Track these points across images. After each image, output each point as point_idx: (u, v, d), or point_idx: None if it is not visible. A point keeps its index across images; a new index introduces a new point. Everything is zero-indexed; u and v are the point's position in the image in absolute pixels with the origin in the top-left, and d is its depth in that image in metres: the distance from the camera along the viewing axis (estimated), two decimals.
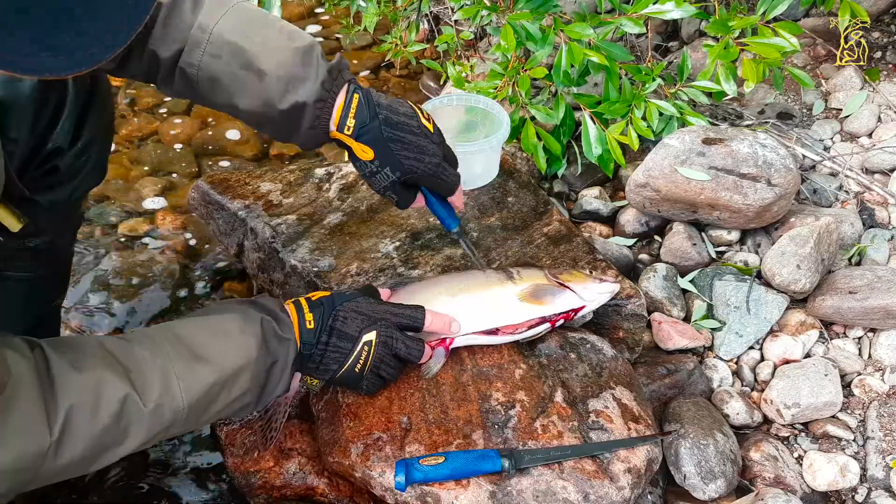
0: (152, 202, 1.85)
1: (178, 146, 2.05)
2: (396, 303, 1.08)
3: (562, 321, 1.16)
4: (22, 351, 0.79)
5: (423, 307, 1.06)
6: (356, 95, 1.00)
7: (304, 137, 1.02)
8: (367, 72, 2.37)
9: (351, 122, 1.00)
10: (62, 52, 0.51)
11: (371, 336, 0.99)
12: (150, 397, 0.84)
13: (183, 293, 1.62)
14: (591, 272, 1.22)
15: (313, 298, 1.01)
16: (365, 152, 1.02)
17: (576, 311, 1.16)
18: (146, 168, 1.97)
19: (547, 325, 1.14)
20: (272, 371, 0.95)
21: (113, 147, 1.31)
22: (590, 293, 1.16)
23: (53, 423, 0.77)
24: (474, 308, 1.13)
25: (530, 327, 1.13)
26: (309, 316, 0.98)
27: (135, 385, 0.83)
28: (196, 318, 0.97)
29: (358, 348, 0.99)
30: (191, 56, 0.95)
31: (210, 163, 2.01)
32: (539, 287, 1.16)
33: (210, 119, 2.15)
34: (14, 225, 0.97)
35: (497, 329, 1.13)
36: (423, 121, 1.06)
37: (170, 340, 0.89)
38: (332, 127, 1.01)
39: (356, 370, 1.00)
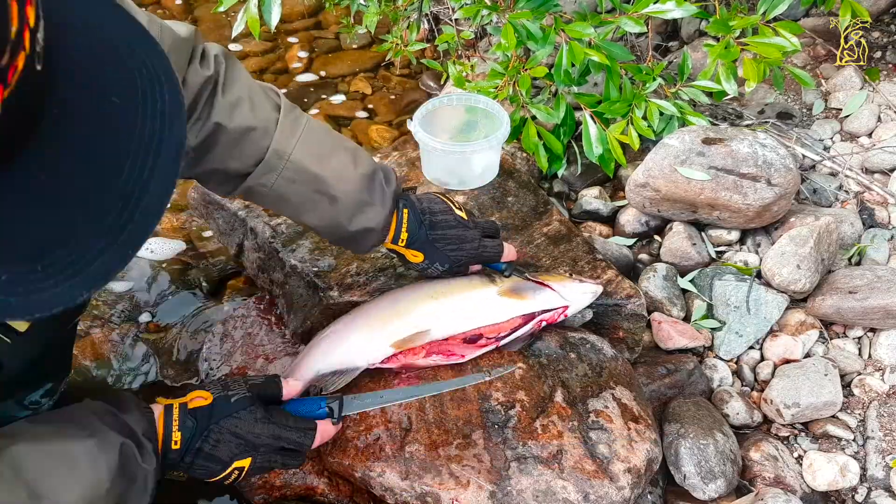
0: None
1: None
2: (284, 420, 0.96)
3: (544, 324, 1.16)
4: None
5: (314, 426, 0.97)
6: (405, 210, 1.11)
7: (363, 249, 1.12)
8: (367, 72, 2.37)
9: (404, 235, 1.11)
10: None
11: (244, 462, 0.92)
12: None
13: (183, 293, 1.62)
14: (570, 274, 1.22)
15: (189, 406, 0.92)
16: (415, 256, 1.14)
17: (559, 312, 1.16)
18: None
19: (531, 326, 1.14)
20: (129, 492, 0.85)
21: None
22: (569, 292, 1.17)
23: None
24: (457, 308, 1.14)
25: (513, 329, 1.13)
26: (176, 436, 0.90)
27: None
28: (44, 433, 0.84)
29: (228, 471, 0.93)
30: (264, 178, 1.00)
31: None
32: (519, 283, 1.17)
33: None
34: (22, 325, 0.91)
35: (480, 334, 1.13)
36: (457, 211, 1.15)
37: (4, 476, 0.78)
38: (388, 239, 1.11)
39: (225, 483, 0.95)
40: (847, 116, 1.83)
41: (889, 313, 1.30)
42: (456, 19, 2.09)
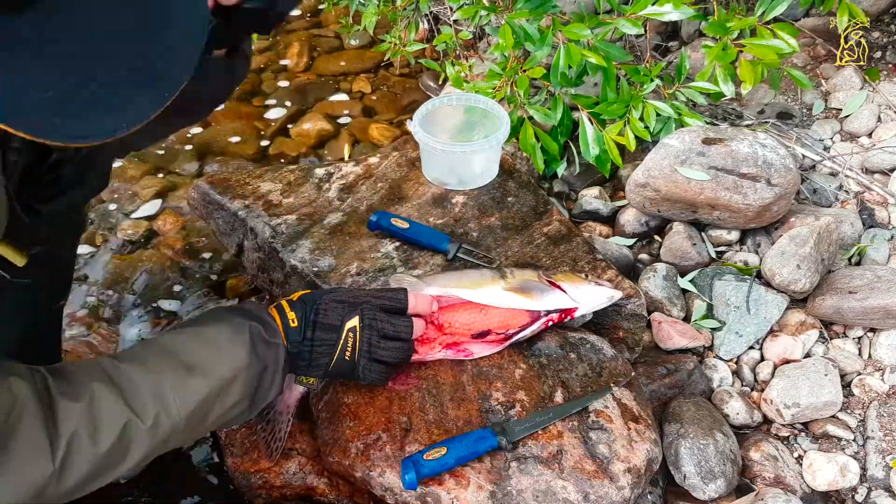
0: (152, 202, 1.85)
1: (178, 146, 2.05)
2: (379, 287, 1.09)
3: (551, 322, 1.15)
4: (25, 378, 0.80)
5: (405, 289, 1.07)
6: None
7: None
8: (367, 72, 2.37)
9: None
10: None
11: (354, 322, 1.00)
12: (148, 415, 0.85)
13: (183, 294, 1.62)
14: (587, 276, 1.22)
15: (294, 298, 1.02)
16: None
17: (567, 312, 1.16)
18: (146, 168, 1.97)
19: (538, 325, 1.14)
20: (263, 377, 0.96)
21: None
22: (581, 294, 1.16)
23: (56, 451, 0.78)
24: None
25: (522, 328, 1.13)
26: (291, 315, 0.99)
27: (132, 406, 0.84)
28: (185, 329, 0.98)
29: (343, 336, 0.99)
30: None
31: (214, 160, 2.01)
32: (527, 282, 1.17)
33: (210, 121, 2.15)
34: (19, 260, 0.97)
35: (489, 330, 1.12)
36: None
37: (161, 356, 0.90)
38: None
39: (346, 358, 1.00)
40: (847, 116, 1.83)
41: (889, 313, 1.30)
42: (455, 20, 2.09)
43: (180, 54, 0.58)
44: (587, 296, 1.17)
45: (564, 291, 1.16)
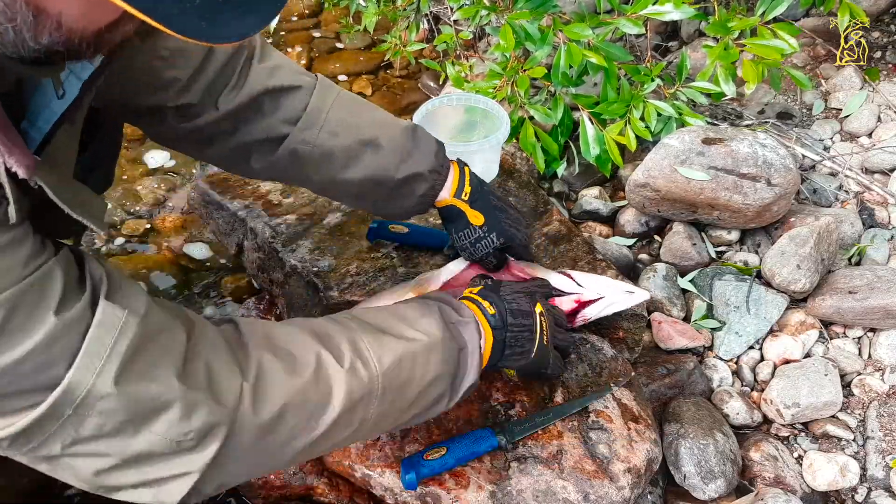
0: (152, 202, 1.85)
1: None
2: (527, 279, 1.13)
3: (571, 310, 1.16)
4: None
5: (545, 279, 1.13)
6: (466, 168, 1.11)
7: (412, 204, 1.09)
8: (367, 72, 2.37)
9: (468, 188, 1.10)
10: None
11: (539, 308, 1.00)
12: (344, 357, 0.80)
13: (183, 294, 1.62)
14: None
15: (475, 291, 1.00)
16: (476, 217, 1.11)
17: (583, 304, 1.15)
18: (147, 167, 1.97)
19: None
20: (462, 357, 0.91)
21: None
22: (593, 283, 1.16)
23: (246, 370, 0.73)
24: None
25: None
26: (485, 303, 0.96)
27: (327, 347, 0.80)
28: (370, 308, 0.94)
29: (537, 321, 0.98)
30: (306, 134, 1.01)
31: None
32: (535, 265, 1.20)
33: None
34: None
35: None
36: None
37: (352, 320, 0.87)
38: (447, 195, 1.09)
39: (545, 344, 0.99)
40: (847, 116, 1.83)
41: (889, 313, 1.30)
42: (455, 20, 2.09)
43: None
44: (601, 285, 1.16)
45: (571, 277, 1.16)
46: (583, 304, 1.15)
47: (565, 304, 1.15)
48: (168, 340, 0.70)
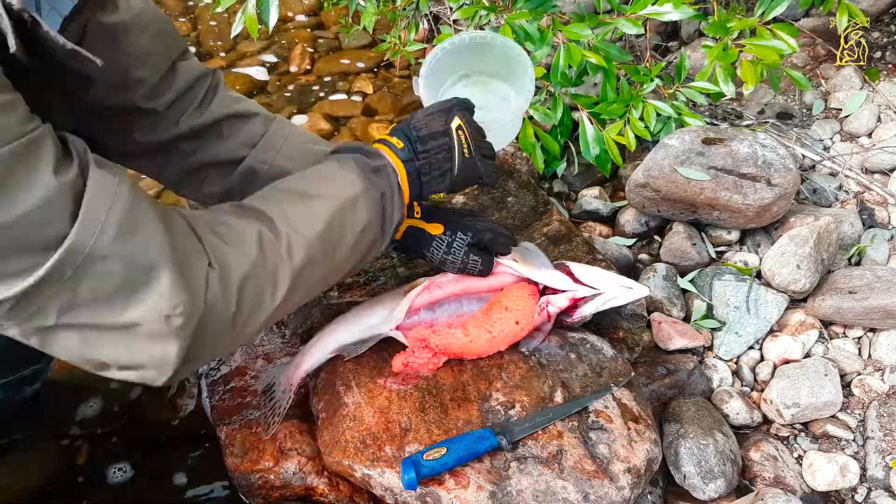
0: None
1: None
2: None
3: (553, 310, 1.15)
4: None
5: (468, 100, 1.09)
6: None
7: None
8: (367, 72, 2.37)
9: (417, 208, 1.14)
10: None
11: (456, 121, 1.01)
12: (281, 235, 0.85)
13: None
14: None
15: (387, 132, 1.04)
16: (436, 228, 1.13)
17: (577, 301, 1.15)
18: None
19: (541, 323, 1.14)
20: (384, 201, 0.96)
21: None
22: (589, 275, 1.16)
23: (211, 258, 0.79)
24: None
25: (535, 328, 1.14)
26: (393, 140, 1.00)
27: (265, 226, 0.85)
28: (293, 175, 0.98)
29: (453, 135, 1.00)
30: (264, 155, 1.08)
31: None
32: (530, 252, 1.19)
33: None
34: None
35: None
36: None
37: (280, 193, 0.92)
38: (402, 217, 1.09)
39: (466, 155, 1.01)
40: (847, 116, 1.83)
41: (889, 313, 1.30)
42: (455, 20, 2.09)
43: None
44: (599, 279, 1.16)
45: (572, 274, 1.16)
46: (578, 301, 1.15)
47: (560, 301, 1.15)
48: (154, 215, 0.74)
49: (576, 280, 1.16)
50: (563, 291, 1.15)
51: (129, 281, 0.70)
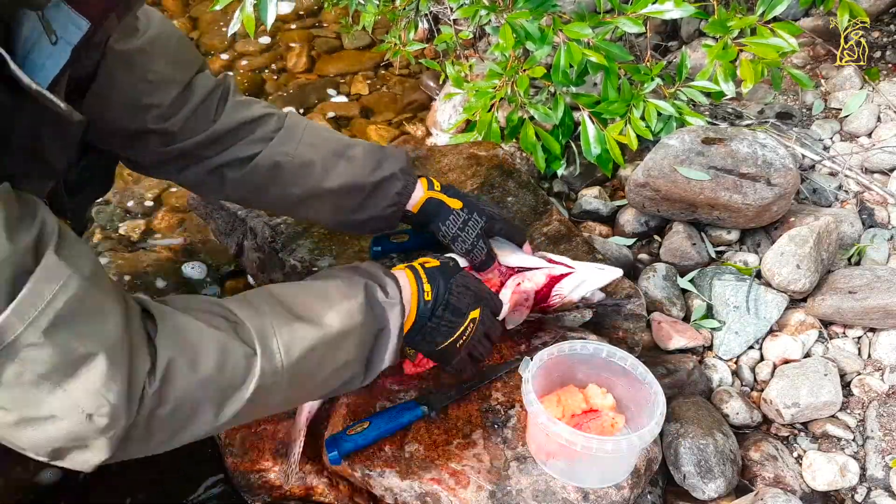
0: (152, 202, 1.85)
1: None
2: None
3: (526, 285, 1.15)
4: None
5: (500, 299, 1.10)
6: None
7: (387, 204, 1.13)
8: (367, 72, 2.37)
9: (437, 184, 1.17)
10: None
11: (476, 314, 1.00)
12: (253, 350, 0.80)
13: (183, 294, 1.62)
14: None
15: (427, 266, 1.00)
16: (455, 202, 1.15)
17: (554, 279, 1.14)
18: None
19: (512, 285, 1.14)
20: (380, 339, 0.91)
21: None
22: (565, 261, 1.15)
23: (155, 365, 0.74)
24: None
25: (502, 283, 1.14)
26: (427, 287, 0.97)
27: (236, 336, 0.80)
28: (295, 283, 0.96)
29: (464, 325, 0.99)
30: (286, 146, 1.09)
31: None
32: (505, 243, 1.20)
33: None
34: None
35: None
36: None
37: (268, 302, 0.86)
38: (422, 192, 1.15)
39: (457, 345, 1.00)
40: (847, 116, 1.83)
41: (889, 313, 1.30)
42: (455, 19, 2.09)
43: None
44: (569, 260, 1.16)
45: (545, 257, 1.17)
46: (555, 279, 1.14)
47: (537, 277, 1.14)
48: (104, 309, 0.71)
49: (550, 261, 1.16)
50: (538, 269, 1.15)
51: (56, 370, 0.67)
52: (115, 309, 0.72)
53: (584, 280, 1.14)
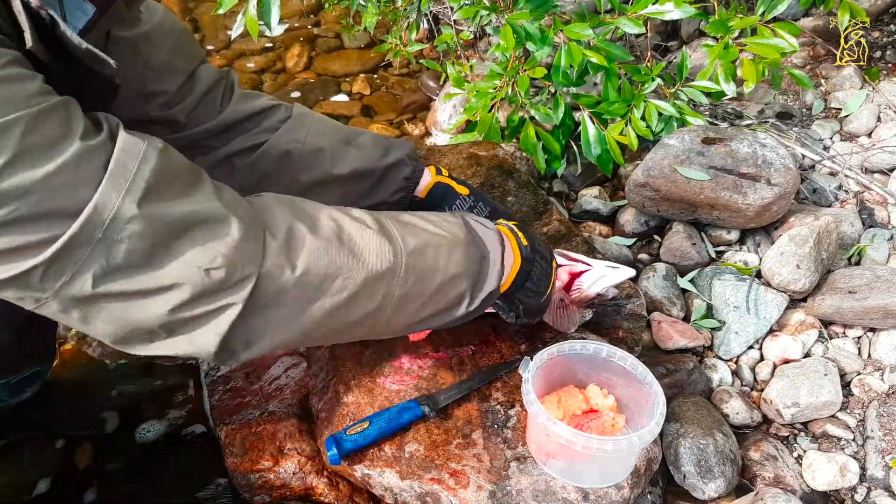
0: None
1: None
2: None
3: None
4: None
5: None
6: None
7: (395, 188, 1.15)
8: (367, 72, 2.37)
9: (445, 171, 1.20)
10: None
11: (555, 263, 1.06)
12: (369, 226, 0.83)
13: None
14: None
15: (508, 223, 1.04)
16: (462, 188, 1.19)
17: (575, 274, 1.15)
18: None
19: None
20: (483, 264, 0.93)
21: None
22: (582, 258, 1.16)
23: (274, 230, 0.76)
24: None
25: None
26: (520, 234, 1.01)
27: (349, 216, 0.84)
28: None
29: (553, 270, 1.03)
30: (296, 134, 1.10)
31: None
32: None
33: None
34: None
35: None
36: None
37: (378, 214, 0.90)
38: (430, 177, 1.17)
39: (552, 293, 1.04)
40: (847, 116, 1.83)
41: (889, 313, 1.30)
42: (455, 20, 2.09)
43: None
44: (591, 262, 1.16)
45: (564, 254, 1.17)
46: (575, 275, 1.15)
47: (561, 275, 1.15)
48: (190, 176, 0.74)
49: (568, 258, 1.17)
50: (560, 266, 1.16)
51: (163, 239, 0.68)
52: (201, 174, 0.75)
53: (603, 276, 1.15)
